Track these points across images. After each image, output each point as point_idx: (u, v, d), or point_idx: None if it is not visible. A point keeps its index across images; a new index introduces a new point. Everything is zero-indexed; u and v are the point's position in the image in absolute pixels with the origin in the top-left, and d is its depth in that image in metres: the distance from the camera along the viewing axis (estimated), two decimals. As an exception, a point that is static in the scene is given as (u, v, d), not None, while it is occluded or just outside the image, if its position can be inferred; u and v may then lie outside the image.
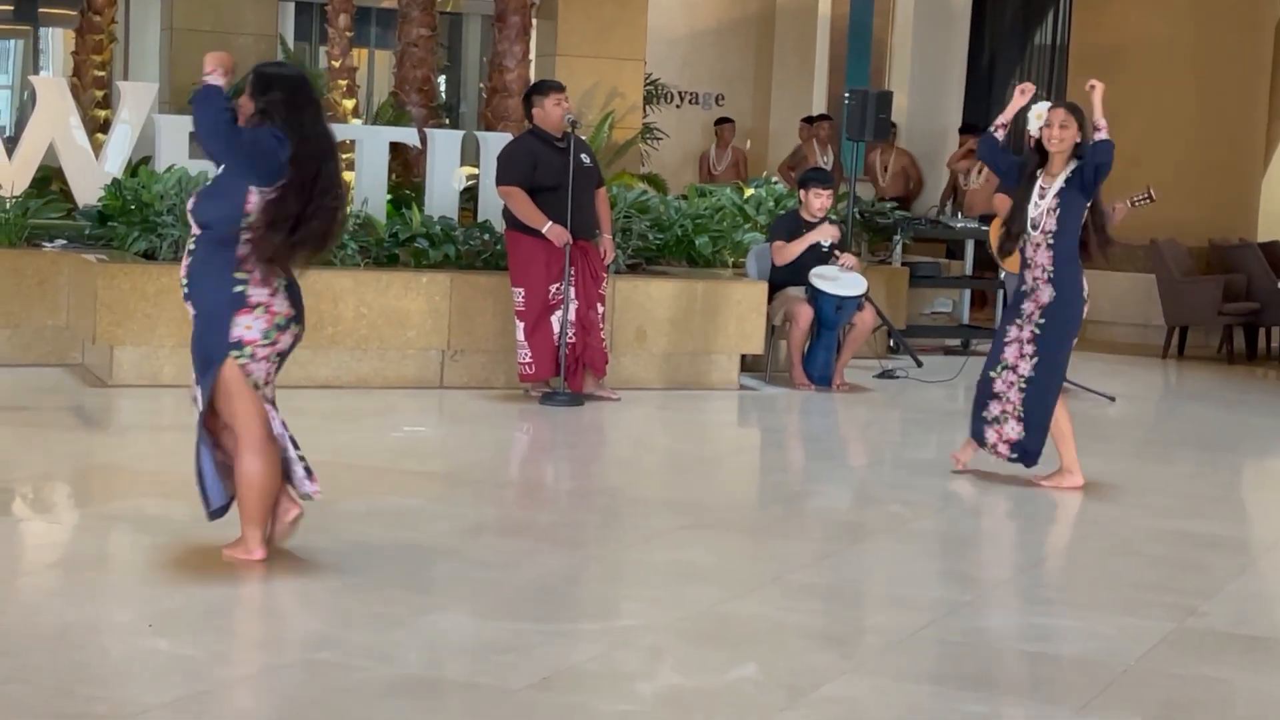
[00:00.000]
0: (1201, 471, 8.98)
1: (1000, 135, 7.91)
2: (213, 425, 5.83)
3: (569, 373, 9.88)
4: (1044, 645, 5.51)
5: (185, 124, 11.31)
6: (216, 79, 5.77)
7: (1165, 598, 6.14)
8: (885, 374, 11.90)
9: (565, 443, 9.10)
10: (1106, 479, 8.25)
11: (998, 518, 7.74)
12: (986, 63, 18.53)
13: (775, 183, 13.88)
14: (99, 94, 13.70)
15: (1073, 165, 7.70)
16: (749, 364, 11.31)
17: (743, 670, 5.05)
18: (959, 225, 14.32)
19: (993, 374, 7.83)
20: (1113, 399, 11.13)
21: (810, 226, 11.15)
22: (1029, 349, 7.77)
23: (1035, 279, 7.71)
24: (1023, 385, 7.78)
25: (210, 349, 5.74)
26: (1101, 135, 7.78)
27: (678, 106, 19.30)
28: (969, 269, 14.51)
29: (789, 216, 11.44)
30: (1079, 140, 7.68)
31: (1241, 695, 5.08)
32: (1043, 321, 7.73)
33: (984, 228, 12.95)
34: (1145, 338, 14.71)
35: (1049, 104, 7.75)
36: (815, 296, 10.97)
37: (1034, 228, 7.66)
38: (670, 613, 5.68)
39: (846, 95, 13.48)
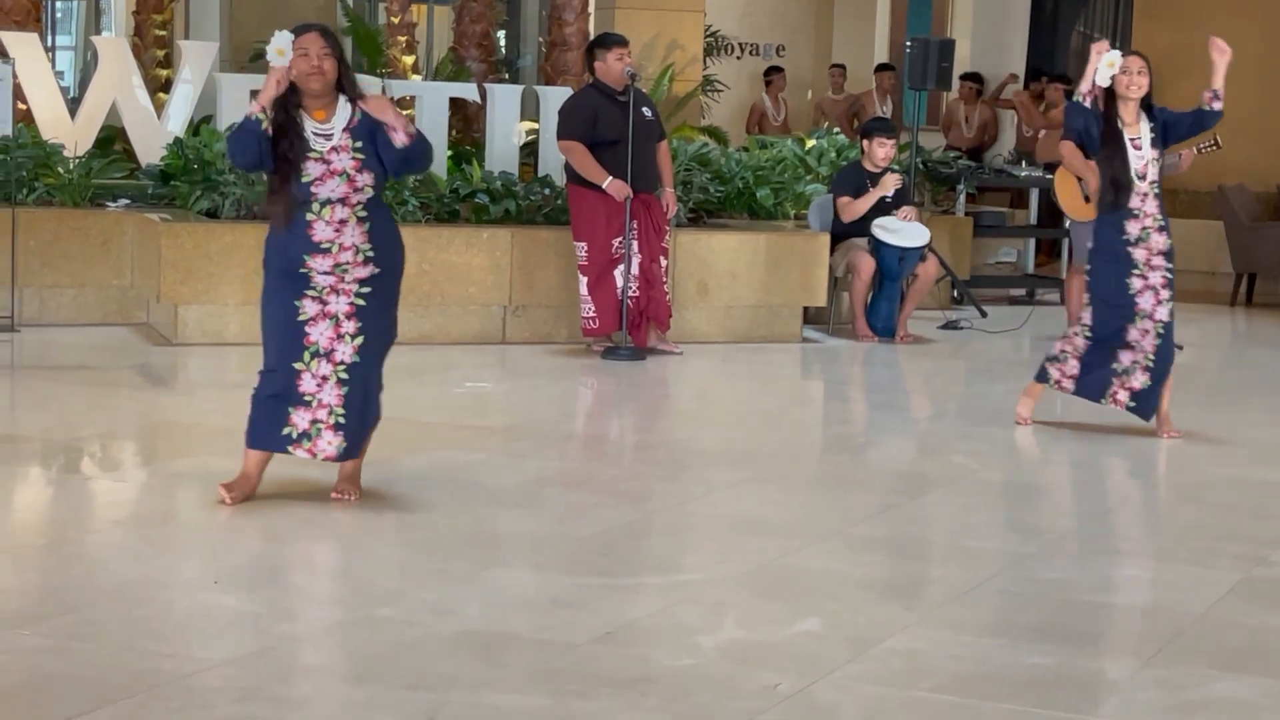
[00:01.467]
0: (1271, 419, 8.90)
1: (1088, 103, 7.69)
2: None
3: (632, 327, 9.88)
4: (1110, 595, 5.48)
5: (245, 82, 11.41)
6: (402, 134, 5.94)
7: (1234, 546, 6.08)
8: (949, 325, 11.86)
9: (628, 396, 9.11)
10: (1175, 427, 8.18)
11: (1063, 467, 7.69)
12: (1050, 8, 18.35)
13: (836, 133, 13.80)
14: (160, 54, 13.74)
15: (1143, 115, 7.66)
16: (811, 316, 11.28)
17: (806, 623, 5.04)
18: (1023, 174, 14.21)
19: (1128, 324, 7.71)
20: (1180, 347, 10.98)
21: (874, 177, 11.09)
22: (1164, 294, 7.73)
23: (1145, 228, 7.68)
24: (1160, 331, 7.73)
25: (397, 298, 6.22)
26: (1219, 106, 7.70)
27: (738, 58, 19.26)
28: (1034, 218, 14.41)
29: (852, 168, 11.38)
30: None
31: (1311, 645, 5.04)
32: (1170, 266, 7.75)
33: (1049, 176, 12.86)
34: (1213, 285, 14.60)
35: (1119, 52, 7.63)
36: (878, 248, 10.93)
37: (1141, 178, 7.62)
38: (733, 566, 5.67)
39: (908, 44, 13.40)
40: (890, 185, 10.94)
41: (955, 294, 12.58)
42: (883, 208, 11.00)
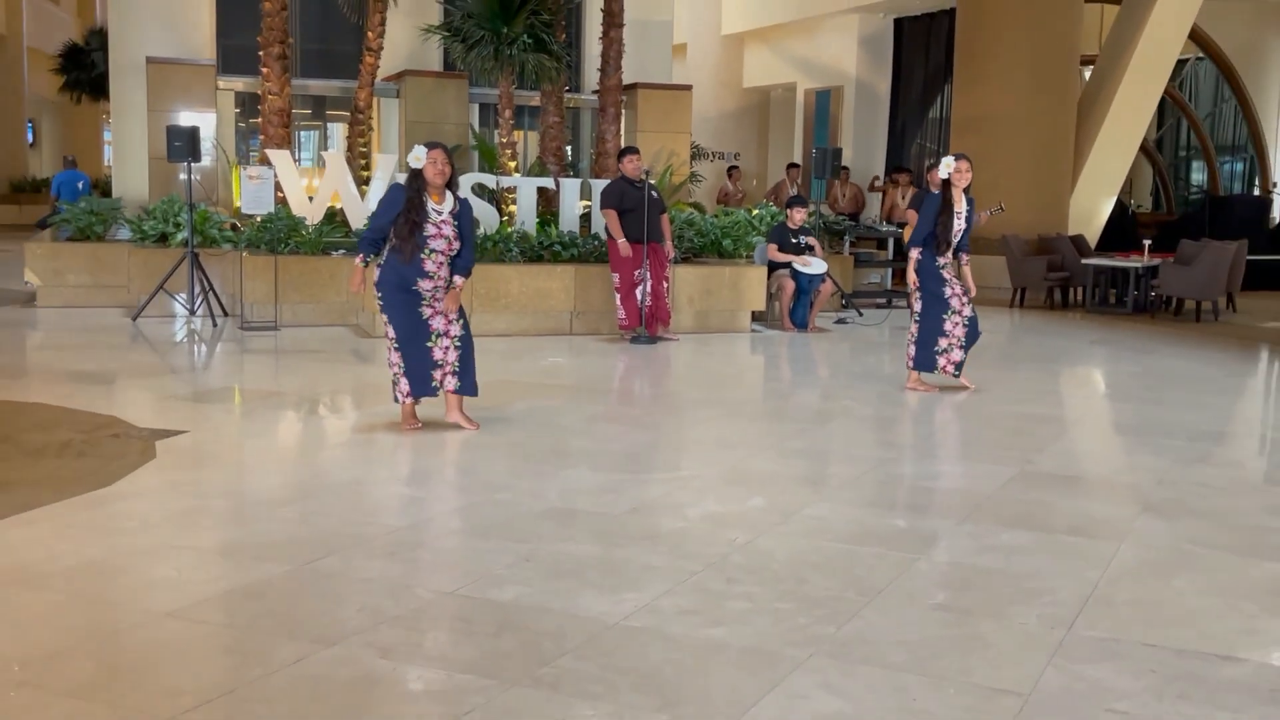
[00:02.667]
0: (1034, 376, 8.85)
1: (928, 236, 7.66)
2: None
3: (647, 324, 9.87)
4: (937, 483, 5.46)
5: (414, 178, 11.39)
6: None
7: (1011, 453, 6.07)
8: (840, 321, 11.82)
9: (646, 366, 9.09)
10: (975, 381, 8.14)
11: (909, 407, 7.65)
12: (900, 128, 18.26)
13: (770, 205, 13.75)
14: (362, 161, 13.72)
15: (966, 198, 7.62)
16: (756, 316, 11.25)
17: (754, 501, 5.04)
18: (884, 229, 14.16)
19: (945, 316, 7.66)
20: (979, 333, 10.97)
21: (793, 232, 11.09)
22: (965, 298, 7.70)
23: (948, 261, 7.66)
24: (965, 322, 7.71)
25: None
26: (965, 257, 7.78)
27: (711, 161, 19.17)
28: (891, 255, 14.35)
29: (780, 226, 11.33)
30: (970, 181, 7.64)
31: (1061, 511, 5.01)
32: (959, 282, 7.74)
33: (899, 230, 12.81)
34: (1000, 295, 14.52)
35: (954, 157, 7.63)
36: (796, 275, 10.93)
37: (958, 236, 7.61)
38: (710, 467, 5.67)
39: (814, 150, 13.33)
40: (804, 263, 10.91)
41: (843, 302, 12.52)
42: (800, 250, 11.01)
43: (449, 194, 6.01)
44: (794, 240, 11.09)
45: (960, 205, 7.60)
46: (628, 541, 4.39)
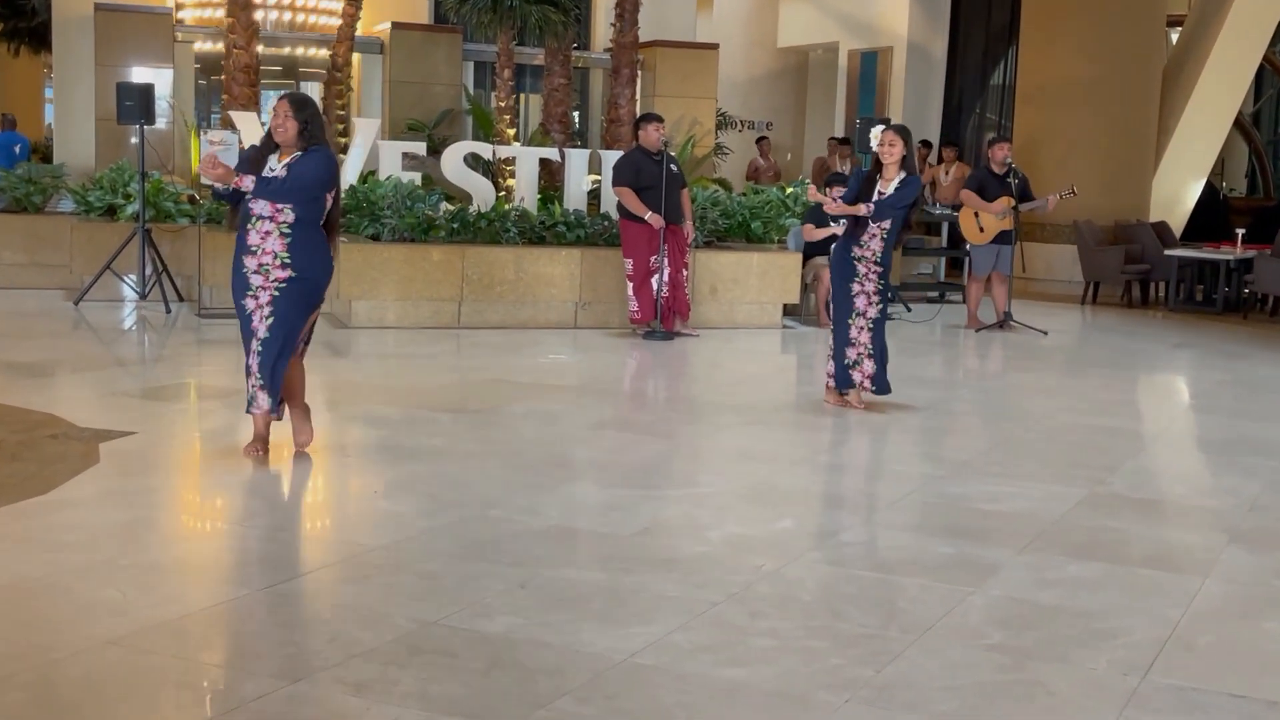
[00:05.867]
0: (1108, 383, 8.83)
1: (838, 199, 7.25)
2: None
3: (663, 317, 9.88)
4: (994, 505, 5.45)
5: (400, 147, 11.43)
6: (242, 184, 5.42)
7: (1081, 472, 6.05)
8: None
9: (661, 365, 9.10)
10: (1040, 389, 8.13)
11: (961, 416, 7.65)
12: (956, 98, 18.22)
13: (808, 183, 13.73)
14: (340, 126, 13.75)
15: (902, 175, 7.10)
16: (788, 310, 11.24)
17: (783, 523, 5.04)
18: (937, 211, 14.12)
19: (849, 320, 7.21)
20: (1045, 333, 10.98)
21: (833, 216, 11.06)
22: (875, 298, 7.22)
23: (863, 254, 7.15)
24: (870, 327, 7.25)
25: (316, 300, 5.68)
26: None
27: (739, 131, 19.15)
28: (944, 242, 14.32)
29: (818, 207, 11.29)
30: (905, 154, 7.06)
31: (1134, 539, 5.00)
32: (879, 281, 7.22)
33: (954, 214, 12.77)
34: (1070, 290, 14.50)
35: (881, 127, 7.19)
36: (835, 262, 10.90)
37: (873, 220, 7.10)
38: (733, 483, 5.67)
39: (858, 121, 13.34)
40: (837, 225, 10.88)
41: (890, 295, 12.50)
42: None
43: (306, 151, 5.53)
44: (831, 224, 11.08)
45: (889, 186, 7.07)
46: (637, 567, 4.40)
